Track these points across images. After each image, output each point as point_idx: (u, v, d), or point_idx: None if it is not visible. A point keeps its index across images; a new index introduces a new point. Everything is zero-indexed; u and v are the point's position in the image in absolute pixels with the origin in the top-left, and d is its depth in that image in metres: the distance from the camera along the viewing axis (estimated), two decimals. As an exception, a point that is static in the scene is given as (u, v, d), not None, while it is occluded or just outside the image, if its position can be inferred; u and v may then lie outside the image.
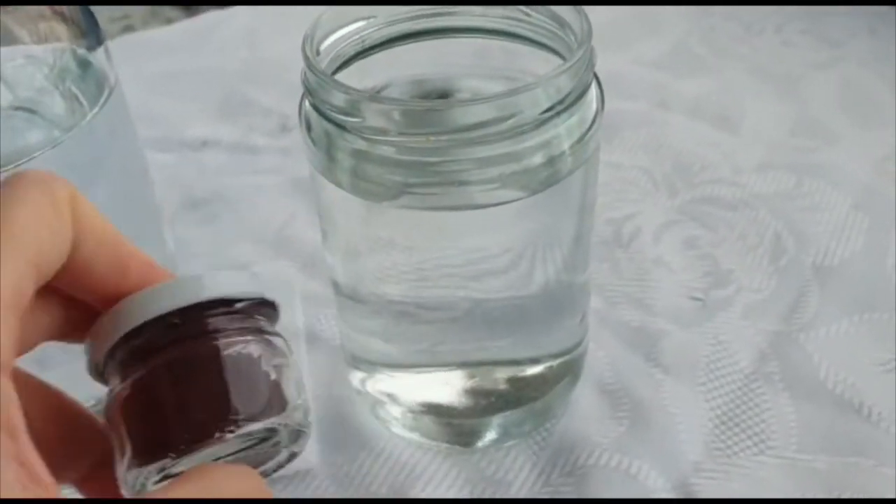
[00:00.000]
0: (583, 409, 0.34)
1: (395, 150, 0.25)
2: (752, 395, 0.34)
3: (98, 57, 0.28)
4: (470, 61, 0.31)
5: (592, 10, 0.57)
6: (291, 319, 0.39)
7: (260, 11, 0.66)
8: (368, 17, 0.29)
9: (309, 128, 0.28)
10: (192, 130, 0.53)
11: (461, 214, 0.27)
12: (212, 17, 0.68)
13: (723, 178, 0.45)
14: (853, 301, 0.38)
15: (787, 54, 0.57)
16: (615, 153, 0.48)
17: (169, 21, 0.76)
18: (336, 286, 0.32)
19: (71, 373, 0.21)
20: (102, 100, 0.28)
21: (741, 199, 0.44)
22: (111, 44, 0.63)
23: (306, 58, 0.26)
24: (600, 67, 0.55)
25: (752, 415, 0.33)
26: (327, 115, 0.26)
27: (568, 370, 0.33)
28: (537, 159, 0.26)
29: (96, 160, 0.28)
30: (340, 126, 0.26)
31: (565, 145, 0.26)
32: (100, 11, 0.81)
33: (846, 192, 0.44)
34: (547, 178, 0.27)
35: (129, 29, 0.80)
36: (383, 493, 0.32)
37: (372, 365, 0.33)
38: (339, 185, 0.27)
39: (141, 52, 0.62)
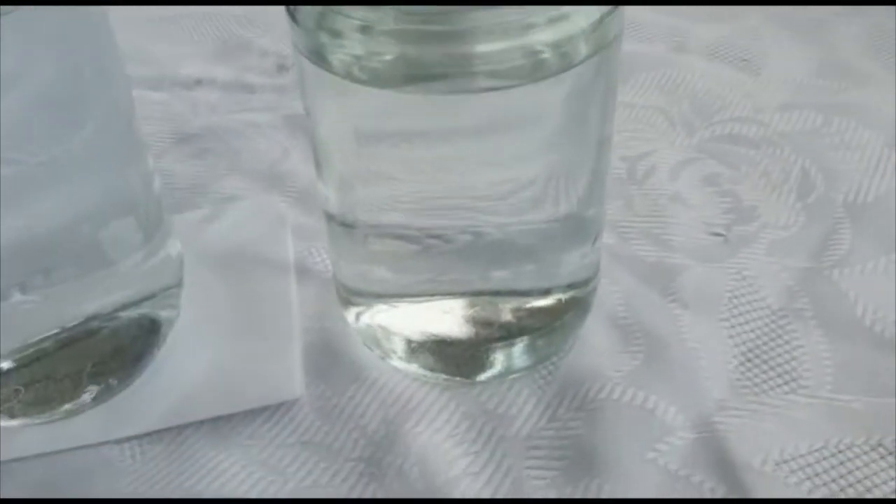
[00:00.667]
0: (593, 343, 0.31)
1: (395, 20, 0.23)
2: (782, 332, 0.31)
3: None
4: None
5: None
6: (282, 253, 0.36)
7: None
8: None
9: (292, 9, 0.25)
10: (187, 70, 0.50)
11: (461, 100, 0.24)
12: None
13: (744, 117, 0.42)
14: (890, 238, 0.35)
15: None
16: (628, 94, 0.45)
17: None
18: (330, 217, 0.29)
19: None
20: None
21: (764, 137, 0.41)
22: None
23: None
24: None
25: (782, 352, 0.31)
26: None
27: (577, 302, 0.30)
28: (548, 38, 0.23)
29: (84, 95, 0.26)
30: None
31: (581, 24, 0.24)
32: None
33: (878, 130, 0.41)
34: (557, 61, 0.24)
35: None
36: (374, 427, 0.29)
37: (368, 297, 0.30)
38: (334, 71, 0.24)
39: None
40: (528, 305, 0.29)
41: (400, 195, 0.27)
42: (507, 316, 0.29)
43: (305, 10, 0.25)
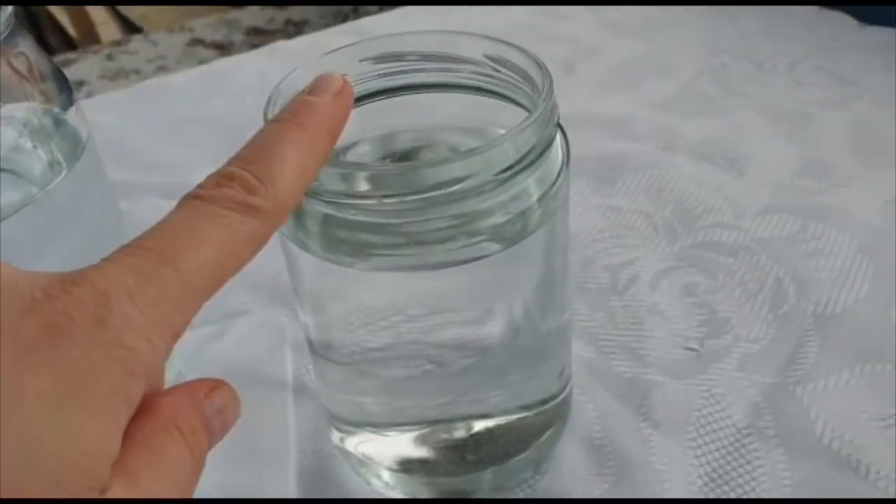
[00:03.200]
0: (569, 464, 0.33)
1: (359, 212, 0.25)
2: (745, 451, 0.33)
3: (71, 115, 0.28)
4: (441, 115, 0.30)
5: (604, 52, 0.57)
6: (281, 372, 0.39)
7: (274, 57, 0.67)
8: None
9: None
10: (199, 177, 0.53)
11: (434, 272, 0.27)
12: (229, 62, 0.69)
13: (724, 223, 0.44)
14: (854, 352, 0.36)
15: (800, 93, 0.56)
16: (616, 196, 0.47)
17: (202, 61, 0.78)
18: (310, 343, 0.31)
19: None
20: (79, 152, 0.28)
21: (742, 244, 0.43)
22: (141, 85, 0.65)
23: (264, 113, 0.26)
24: (609, 109, 0.55)
25: (744, 472, 0.32)
26: None
27: (550, 422, 0.32)
28: (505, 215, 0.26)
29: (71, 214, 0.29)
30: (307, 192, 0.26)
31: (533, 199, 0.26)
32: (137, 51, 0.82)
33: (853, 235, 0.42)
34: (516, 232, 0.26)
35: (163, 69, 0.82)
36: (359, 552, 0.31)
37: (350, 424, 0.32)
38: (306, 249, 0.27)
39: (163, 96, 0.63)
40: (500, 425, 0.31)
41: (370, 328, 0.29)
42: (482, 439, 0.31)
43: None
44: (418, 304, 0.28)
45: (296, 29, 1.44)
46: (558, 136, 0.27)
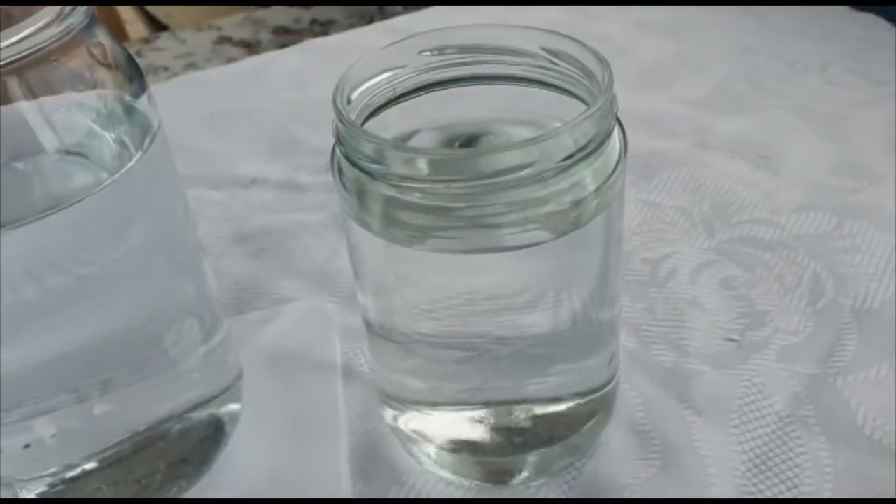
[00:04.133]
0: (614, 449, 0.34)
1: (421, 195, 0.26)
2: (787, 439, 0.34)
3: (142, 103, 0.29)
4: (498, 107, 0.31)
5: (636, 51, 0.58)
6: (329, 356, 0.40)
7: (308, 54, 0.68)
8: (399, 66, 0.30)
9: (341, 174, 0.29)
10: (242, 168, 0.54)
11: (486, 256, 0.28)
12: (262, 59, 0.70)
13: (761, 219, 0.45)
14: (892, 345, 0.37)
15: (832, 93, 0.56)
16: (654, 192, 0.48)
17: (230, 60, 0.79)
18: (367, 324, 0.32)
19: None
20: (146, 144, 0.29)
21: (779, 239, 0.44)
22: (175, 80, 0.66)
23: (336, 108, 0.27)
24: (642, 107, 0.55)
25: (786, 458, 0.33)
26: (357, 163, 0.27)
27: (597, 409, 0.33)
28: (562, 204, 0.27)
29: (140, 201, 0.29)
30: (369, 173, 0.27)
31: (589, 189, 0.27)
32: (165, 48, 0.84)
33: (889, 232, 0.43)
34: (572, 221, 0.27)
35: (191, 66, 0.84)
36: (412, 530, 0.32)
37: (403, 403, 0.33)
38: (369, 229, 0.28)
39: (196, 91, 0.65)
40: (551, 412, 0.32)
41: (428, 310, 0.30)
42: (532, 423, 0.32)
43: (350, 179, 0.28)
44: (473, 288, 0.29)
45: (322, 28, 1.46)
46: (616, 129, 0.28)
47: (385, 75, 0.30)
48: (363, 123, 0.30)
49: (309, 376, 0.39)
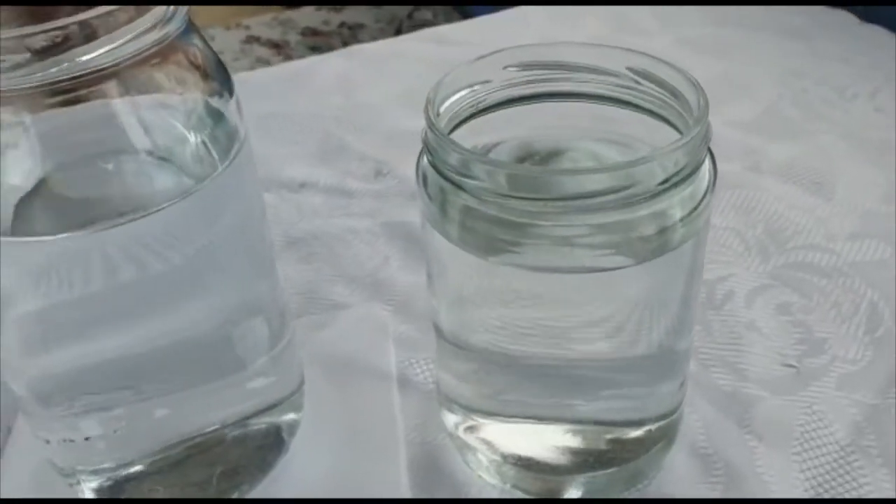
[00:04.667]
0: (676, 472, 0.34)
1: (502, 209, 0.26)
2: (849, 469, 0.34)
3: (230, 109, 0.29)
4: (579, 125, 0.31)
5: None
6: (384, 364, 0.40)
7: (353, 59, 0.68)
8: (484, 81, 0.31)
9: (425, 182, 0.29)
10: (290, 171, 0.54)
11: (566, 276, 0.28)
12: (305, 63, 0.70)
13: (816, 245, 0.45)
14: (952, 377, 0.37)
15: (881, 120, 0.56)
16: (706, 214, 0.48)
17: (258, 59, 0.79)
18: (438, 330, 0.32)
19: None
20: (233, 152, 0.29)
21: (835, 266, 0.44)
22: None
23: (428, 118, 0.28)
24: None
25: (850, 488, 0.33)
26: (443, 172, 0.27)
27: (665, 434, 0.33)
28: (648, 229, 0.27)
29: (223, 209, 0.29)
30: (454, 183, 0.27)
31: (677, 216, 0.27)
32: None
33: (945, 264, 0.43)
34: (657, 247, 0.27)
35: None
36: (475, 543, 0.32)
37: (468, 411, 0.33)
38: (448, 237, 0.28)
39: (241, 92, 0.64)
40: (622, 436, 0.32)
41: (500, 325, 0.30)
42: (599, 445, 0.32)
43: (434, 187, 0.28)
44: (547, 307, 0.29)
45: (350, 32, 1.46)
46: (707, 158, 0.28)
47: (470, 89, 0.30)
48: (447, 135, 0.30)
49: (365, 384, 0.39)
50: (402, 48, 0.71)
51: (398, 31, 0.73)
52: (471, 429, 0.34)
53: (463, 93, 0.30)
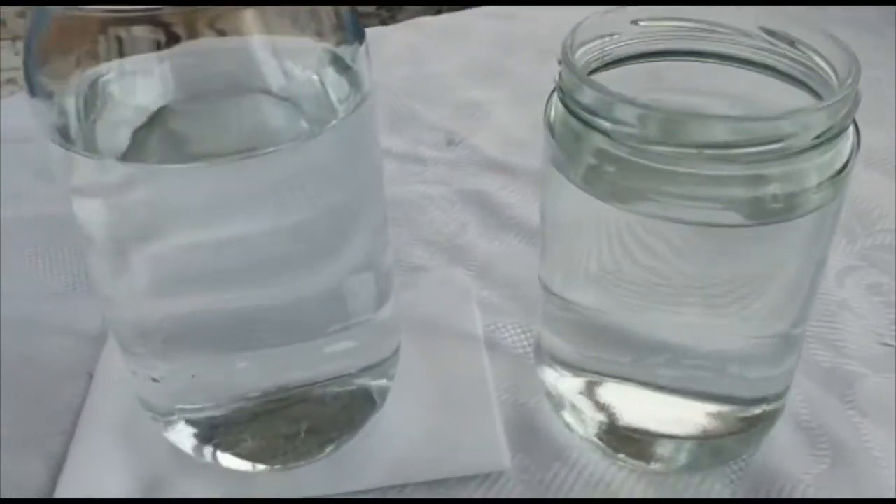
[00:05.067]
0: (780, 445, 0.33)
1: (642, 154, 0.26)
2: (957, 449, 0.33)
3: (359, 59, 0.29)
4: (703, 84, 0.31)
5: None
6: (470, 326, 0.39)
7: (419, 32, 0.68)
8: (613, 34, 0.30)
9: (553, 125, 0.28)
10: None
11: (695, 232, 0.27)
12: (371, 33, 0.69)
13: (904, 228, 0.45)
14: None
15: (959, 112, 0.56)
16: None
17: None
18: (546, 285, 0.32)
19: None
20: (357, 102, 0.28)
21: (924, 250, 0.43)
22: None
23: (566, 57, 0.27)
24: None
25: (960, 467, 0.32)
26: (578, 114, 0.27)
27: (777, 412, 0.32)
28: (784, 188, 0.26)
29: (342, 159, 0.29)
30: (591, 125, 0.26)
31: (813, 182, 0.26)
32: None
33: None
34: (789, 209, 0.26)
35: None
36: (581, 505, 0.31)
37: (575, 369, 0.32)
38: (573, 181, 0.28)
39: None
40: (737, 413, 0.32)
41: (615, 278, 0.29)
42: (709, 418, 0.31)
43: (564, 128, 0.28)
44: (667, 260, 0.28)
45: (388, 13, 1.45)
46: (851, 128, 0.27)
47: (600, 40, 0.30)
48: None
49: (452, 344, 0.38)
50: (464, 22, 0.70)
51: (438, 12, 0.72)
52: (574, 387, 0.33)
53: (592, 44, 0.29)
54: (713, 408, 0.31)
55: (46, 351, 0.39)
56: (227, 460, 0.32)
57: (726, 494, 0.32)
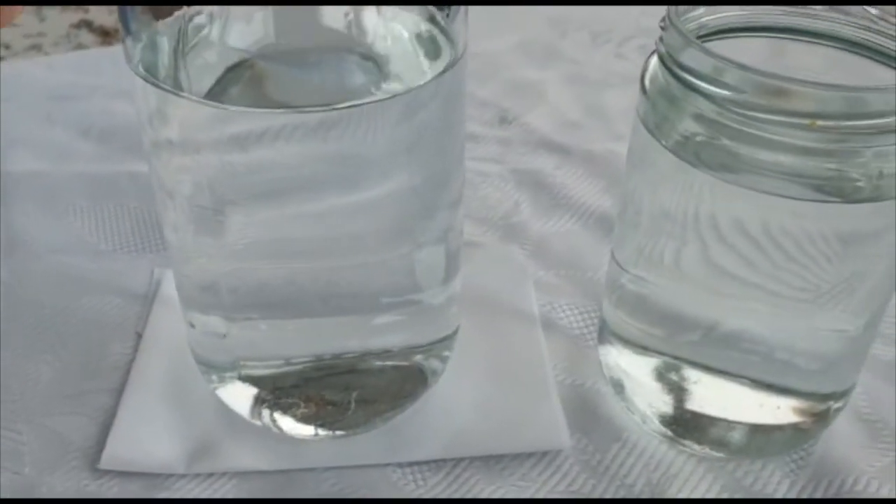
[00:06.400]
0: (842, 436, 0.33)
1: (744, 123, 0.25)
2: None
3: (454, 23, 0.28)
4: (801, 63, 0.30)
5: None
6: (527, 304, 0.39)
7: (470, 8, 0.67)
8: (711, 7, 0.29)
9: (648, 87, 0.28)
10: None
11: (777, 202, 0.26)
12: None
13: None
14: None
15: None
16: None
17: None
18: (621, 264, 0.31)
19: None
20: (446, 66, 0.27)
21: None
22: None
23: (671, 20, 0.27)
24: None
25: None
26: (680, 77, 0.26)
27: (841, 409, 0.32)
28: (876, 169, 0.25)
29: (425, 123, 0.28)
30: (693, 89, 0.26)
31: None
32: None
33: None
34: (872, 191, 0.26)
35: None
36: (639, 487, 0.31)
37: (646, 349, 0.32)
38: (666, 145, 0.27)
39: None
40: (806, 408, 0.31)
41: (702, 254, 0.28)
42: (774, 410, 0.31)
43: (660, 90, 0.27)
44: (753, 239, 0.28)
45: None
46: None
47: (697, 11, 0.29)
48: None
49: (510, 323, 0.38)
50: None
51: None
52: (645, 371, 0.32)
53: (690, 14, 0.29)
54: (781, 399, 0.31)
55: (94, 308, 0.39)
56: (286, 423, 0.32)
57: (787, 482, 0.31)
